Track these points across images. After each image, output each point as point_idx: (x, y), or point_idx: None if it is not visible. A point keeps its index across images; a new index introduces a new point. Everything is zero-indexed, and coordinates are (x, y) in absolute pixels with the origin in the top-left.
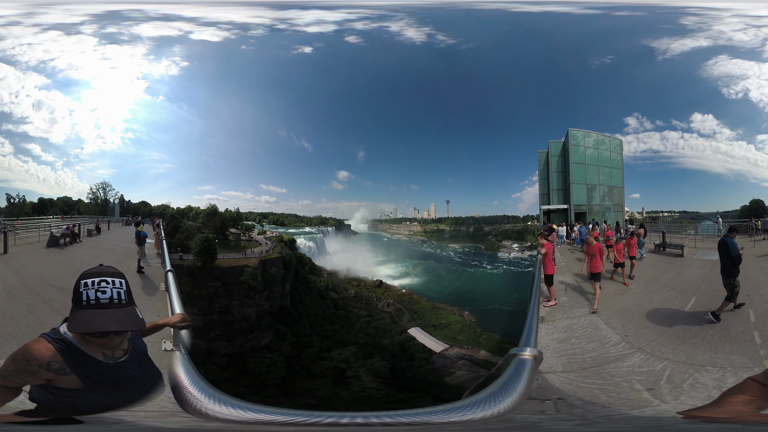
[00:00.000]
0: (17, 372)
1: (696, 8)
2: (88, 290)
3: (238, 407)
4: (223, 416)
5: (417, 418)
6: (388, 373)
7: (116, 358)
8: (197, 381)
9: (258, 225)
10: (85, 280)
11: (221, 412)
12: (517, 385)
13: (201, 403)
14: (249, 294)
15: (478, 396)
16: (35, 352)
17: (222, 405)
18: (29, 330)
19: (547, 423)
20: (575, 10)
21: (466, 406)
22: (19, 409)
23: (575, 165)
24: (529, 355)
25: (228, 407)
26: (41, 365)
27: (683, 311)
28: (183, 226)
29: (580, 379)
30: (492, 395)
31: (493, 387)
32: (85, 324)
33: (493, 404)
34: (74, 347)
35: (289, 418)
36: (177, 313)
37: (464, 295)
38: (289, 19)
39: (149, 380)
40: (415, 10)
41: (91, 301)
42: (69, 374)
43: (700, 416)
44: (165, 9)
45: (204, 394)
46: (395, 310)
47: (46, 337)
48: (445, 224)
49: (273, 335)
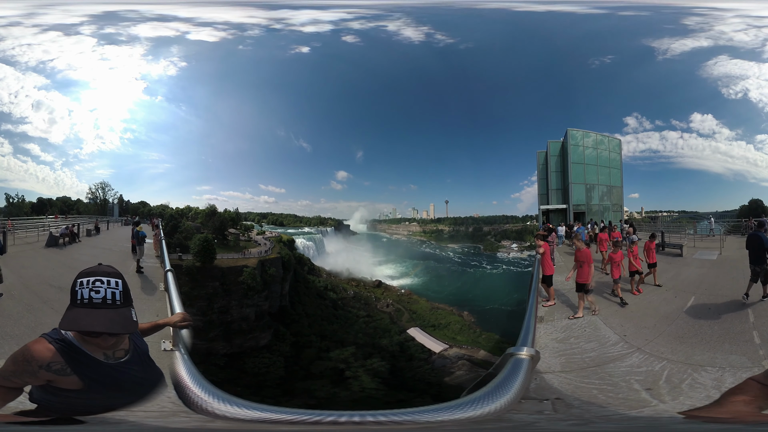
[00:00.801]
0: (17, 372)
1: (701, 8)
2: (83, 289)
3: (242, 406)
4: (227, 415)
5: (413, 416)
6: (387, 373)
7: (117, 359)
8: (200, 380)
9: (257, 225)
10: (81, 279)
11: (225, 410)
12: (513, 384)
13: (205, 402)
14: (248, 294)
15: (475, 395)
16: (35, 352)
17: (225, 404)
18: (29, 330)
19: (544, 423)
20: (579, 9)
21: (462, 404)
22: (19, 409)
23: (574, 165)
24: (526, 355)
25: (231, 406)
26: (41, 365)
27: (682, 311)
28: (182, 226)
29: (578, 379)
30: (488, 394)
31: (490, 386)
32: (73, 323)
33: (488, 403)
34: (75, 347)
35: (291, 417)
36: (177, 313)
37: (464, 295)
38: (285, 18)
39: (150, 380)
40: (413, 9)
41: (85, 300)
42: (69, 375)
43: (701, 416)
44: (160, 9)
45: (207, 393)
46: (394, 311)
47: (46, 338)
48: (444, 224)
49: (272, 335)
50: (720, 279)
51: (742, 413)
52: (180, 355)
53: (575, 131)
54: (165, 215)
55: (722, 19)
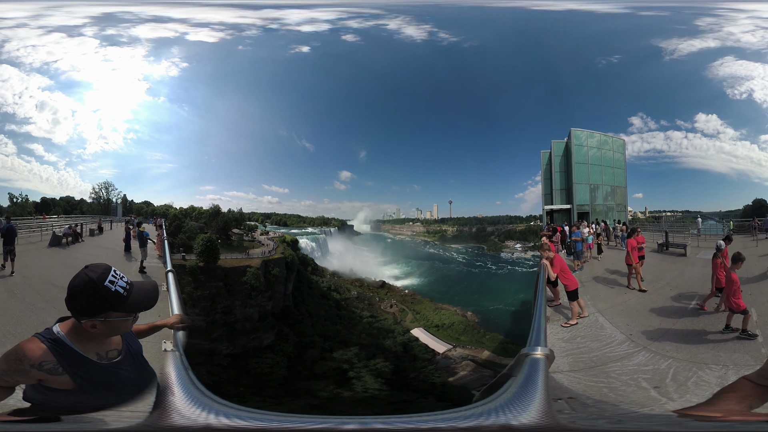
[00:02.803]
0: (9, 371)
1: (721, 8)
2: (117, 283)
3: (221, 413)
4: (211, 420)
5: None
6: (391, 373)
7: (110, 359)
8: (193, 383)
9: (261, 225)
10: (108, 280)
11: (210, 415)
12: (537, 385)
13: (196, 406)
14: (251, 294)
15: (501, 399)
16: (27, 351)
17: (204, 409)
18: (31, 329)
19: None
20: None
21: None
22: (13, 408)
23: (578, 165)
24: (541, 354)
25: (209, 412)
26: (33, 365)
27: (686, 310)
28: (185, 226)
29: (587, 378)
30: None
31: (511, 390)
32: (151, 296)
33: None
34: (67, 347)
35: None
36: (175, 314)
37: (467, 295)
38: (282, 18)
39: (143, 381)
40: (412, 8)
41: (126, 288)
42: (61, 374)
43: (693, 414)
44: (153, 11)
45: (194, 396)
46: (398, 311)
47: (39, 337)
48: (447, 225)
49: (275, 336)
50: None
51: (733, 411)
52: (172, 357)
53: (579, 131)
54: (169, 215)
55: (734, 20)
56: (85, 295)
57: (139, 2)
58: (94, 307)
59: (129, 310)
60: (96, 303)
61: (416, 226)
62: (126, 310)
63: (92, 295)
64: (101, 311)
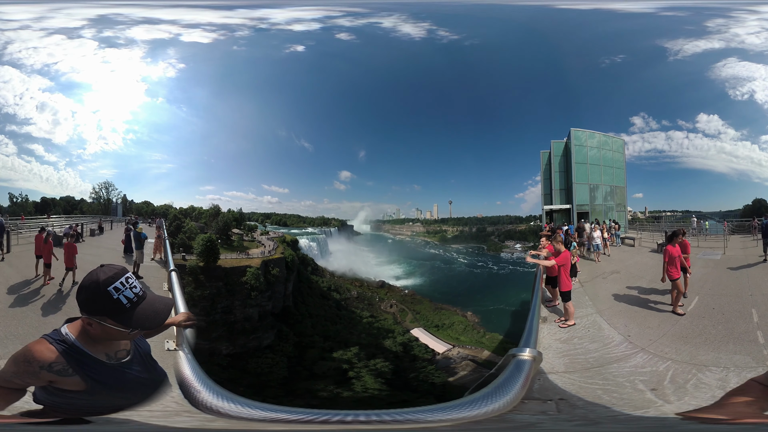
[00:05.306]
0: (18, 373)
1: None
2: (123, 292)
3: (246, 405)
4: (232, 413)
5: (415, 416)
6: (390, 373)
7: (119, 359)
8: (204, 379)
9: (261, 225)
10: (113, 285)
11: (230, 409)
12: (514, 385)
13: (210, 401)
14: (251, 294)
15: (476, 395)
16: (36, 353)
17: (231, 403)
18: (32, 329)
19: (548, 423)
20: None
21: (463, 404)
22: (24, 410)
23: (578, 165)
24: (528, 356)
25: (236, 405)
26: (42, 366)
27: (686, 311)
28: (185, 227)
29: (582, 380)
30: (488, 395)
31: (491, 387)
32: (146, 321)
33: (489, 403)
34: (76, 348)
35: (295, 416)
36: (181, 312)
37: (468, 295)
38: (268, 17)
39: (154, 380)
40: (407, 6)
41: (134, 299)
42: (71, 375)
43: (702, 417)
44: (142, 12)
45: (212, 392)
46: (398, 311)
47: (47, 338)
48: (447, 225)
49: (275, 335)
50: (723, 279)
51: (744, 414)
52: (184, 355)
53: (579, 131)
54: (169, 215)
55: (743, 21)
56: (87, 292)
57: (128, 4)
58: (93, 307)
59: (127, 324)
60: (95, 304)
61: (416, 226)
62: (123, 323)
63: (93, 295)
64: (97, 314)
